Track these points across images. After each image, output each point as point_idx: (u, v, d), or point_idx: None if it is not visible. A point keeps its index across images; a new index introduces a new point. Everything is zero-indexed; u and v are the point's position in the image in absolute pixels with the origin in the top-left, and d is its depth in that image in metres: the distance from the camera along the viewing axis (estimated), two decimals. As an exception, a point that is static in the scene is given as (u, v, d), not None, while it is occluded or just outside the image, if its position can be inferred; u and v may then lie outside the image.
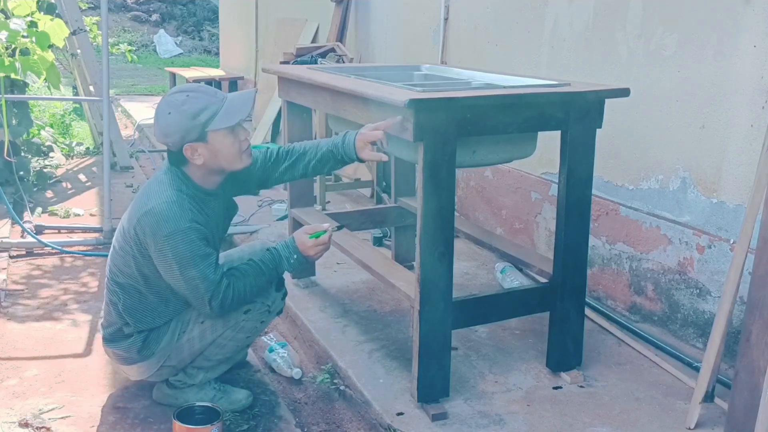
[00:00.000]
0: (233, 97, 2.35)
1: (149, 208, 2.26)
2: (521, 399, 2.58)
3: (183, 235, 2.23)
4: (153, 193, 2.31)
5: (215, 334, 2.43)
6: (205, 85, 2.42)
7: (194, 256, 2.25)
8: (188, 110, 2.26)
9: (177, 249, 2.24)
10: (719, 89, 2.79)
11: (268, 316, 2.52)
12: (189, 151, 2.30)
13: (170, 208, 2.25)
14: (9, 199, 4.47)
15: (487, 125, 2.41)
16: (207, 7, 16.92)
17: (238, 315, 2.41)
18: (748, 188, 2.63)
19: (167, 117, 2.30)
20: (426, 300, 2.39)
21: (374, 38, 5.59)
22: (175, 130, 2.29)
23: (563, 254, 2.62)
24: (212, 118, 2.27)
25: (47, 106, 7.37)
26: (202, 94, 2.31)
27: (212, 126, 2.28)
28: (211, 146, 2.30)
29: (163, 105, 2.32)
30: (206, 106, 2.27)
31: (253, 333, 2.53)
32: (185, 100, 2.28)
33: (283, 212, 4.57)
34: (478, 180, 4.32)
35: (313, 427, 2.56)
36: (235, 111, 2.30)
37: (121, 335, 2.44)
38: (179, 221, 2.24)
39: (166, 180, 2.35)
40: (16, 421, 2.43)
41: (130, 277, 2.38)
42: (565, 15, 3.55)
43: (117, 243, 2.42)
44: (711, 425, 2.41)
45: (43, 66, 4.09)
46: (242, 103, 2.34)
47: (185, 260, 2.25)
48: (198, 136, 2.28)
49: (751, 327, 2.14)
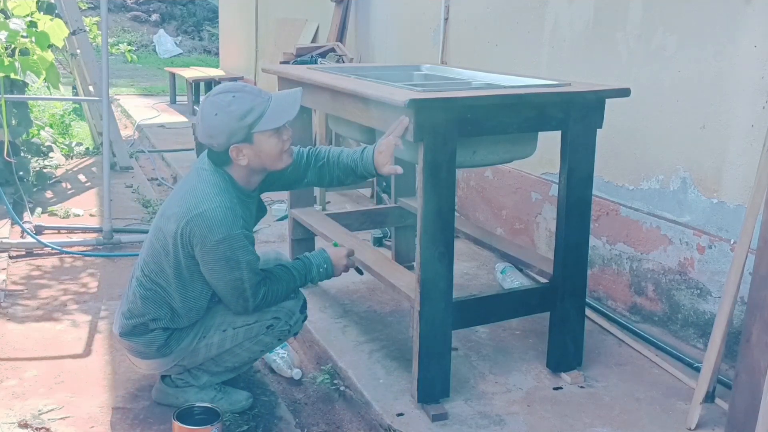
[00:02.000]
0: (279, 97, 2.32)
1: (201, 212, 2.23)
2: (521, 399, 2.57)
3: (235, 240, 2.24)
4: (204, 195, 2.26)
5: (234, 343, 2.43)
6: (249, 85, 2.37)
7: (243, 260, 2.26)
8: (235, 111, 2.23)
9: (227, 253, 2.24)
10: (719, 89, 2.78)
11: (287, 335, 2.53)
12: (234, 152, 2.27)
13: (225, 215, 2.23)
14: (9, 199, 4.47)
15: (488, 125, 2.40)
16: (207, 7, 16.92)
17: (261, 329, 2.42)
18: (748, 188, 2.63)
19: (213, 118, 2.25)
20: (426, 300, 2.39)
21: (374, 38, 5.59)
22: (221, 131, 2.25)
23: (563, 254, 2.61)
24: (258, 120, 2.24)
25: (47, 106, 7.36)
26: (248, 95, 2.27)
27: (259, 128, 2.25)
28: (257, 147, 2.27)
29: (208, 106, 2.28)
30: (252, 107, 2.24)
31: (268, 348, 2.54)
32: (231, 101, 2.24)
33: (283, 212, 4.57)
34: (478, 180, 4.32)
35: (313, 428, 2.55)
36: (281, 112, 2.28)
37: (144, 329, 2.40)
38: (232, 227, 2.23)
39: (215, 182, 2.30)
40: (16, 421, 2.43)
41: (166, 275, 2.35)
42: (565, 15, 3.54)
43: (157, 240, 2.37)
44: (711, 426, 2.41)
45: (43, 66, 4.09)
46: (289, 102, 2.31)
47: (233, 264, 2.26)
48: (244, 138, 2.25)
49: (752, 327, 2.14)
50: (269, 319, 2.43)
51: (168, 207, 2.38)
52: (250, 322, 2.41)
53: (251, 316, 2.41)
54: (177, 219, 2.28)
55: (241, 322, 2.41)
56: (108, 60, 4.10)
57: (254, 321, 2.42)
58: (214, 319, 2.43)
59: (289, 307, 2.47)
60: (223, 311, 2.43)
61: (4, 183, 4.66)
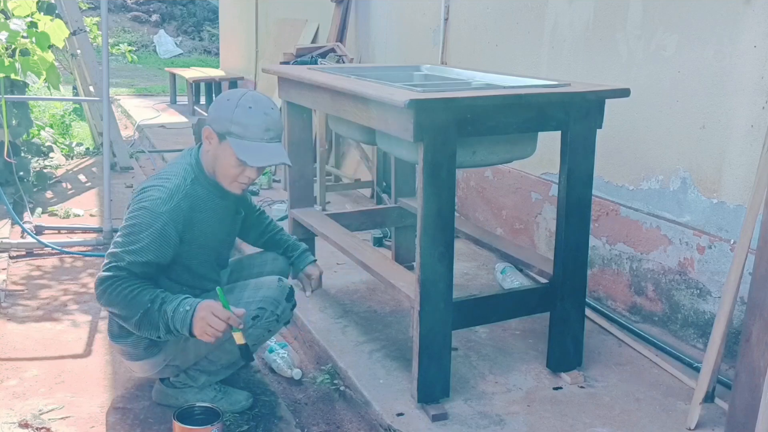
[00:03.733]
0: (269, 146, 2.30)
1: (146, 185, 2.32)
2: (521, 399, 2.57)
3: (147, 217, 2.25)
4: (162, 174, 2.36)
5: (222, 339, 2.43)
6: (276, 112, 2.35)
7: (132, 238, 2.24)
8: (237, 112, 2.27)
9: (128, 221, 2.28)
10: (719, 89, 2.79)
11: (276, 325, 2.50)
12: (206, 134, 2.34)
13: (163, 194, 2.27)
14: (9, 199, 4.47)
15: (488, 125, 2.41)
16: (207, 7, 16.92)
17: (246, 322, 2.41)
18: (748, 188, 2.63)
19: (224, 101, 2.33)
20: (426, 300, 2.39)
21: (374, 38, 5.59)
22: (216, 109, 2.33)
23: (563, 255, 2.61)
24: (237, 137, 2.27)
25: (47, 107, 7.37)
26: (260, 117, 2.28)
27: (230, 140, 2.28)
28: (220, 150, 2.32)
29: (233, 92, 2.36)
30: (248, 125, 2.26)
31: (259, 341, 2.51)
32: (248, 106, 2.28)
33: (283, 212, 4.57)
34: (478, 180, 4.32)
35: (313, 428, 2.55)
36: (257, 154, 2.28)
37: (129, 331, 2.42)
38: (158, 206, 2.26)
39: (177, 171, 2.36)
40: (16, 421, 2.43)
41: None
42: (565, 15, 3.55)
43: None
44: (711, 426, 2.41)
45: (43, 66, 4.08)
46: (267, 157, 2.30)
47: (123, 234, 2.27)
48: (219, 131, 2.31)
49: (752, 327, 2.14)
50: (254, 310, 2.39)
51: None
52: None
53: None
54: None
55: None
56: (108, 60, 4.10)
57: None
58: None
59: (273, 296, 2.43)
60: None
61: (4, 183, 4.67)
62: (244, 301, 2.41)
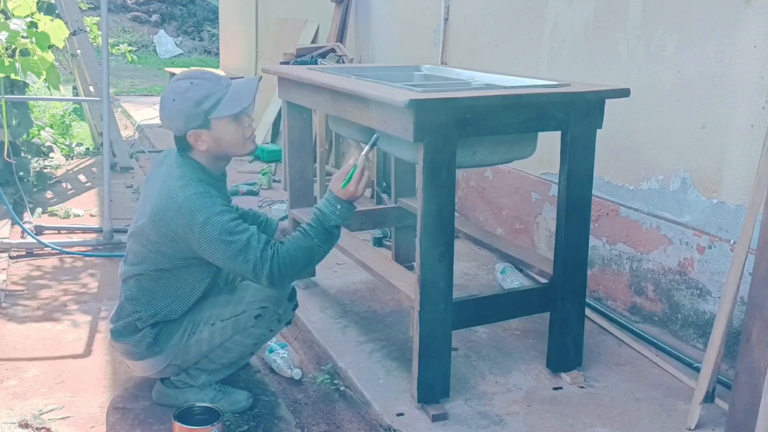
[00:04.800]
0: (237, 84, 2.35)
1: (178, 205, 2.24)
2: (521, 400, 2.57)
3: (218, 218, 2.22)
4: (176, 188, 2.28)
5: (224, 338, 2.43)
6: (209, 71, 2.41)
7: (234, 233, 2.23)
8: (192, 97, 2.27)
9: (214, 234, 2.22)
10: (719, 89, 2.78)
11: (278, 325, 2.52)
12: (192, 138, 2.31)
13: (201, 200, 2.24)
14: (9, 199, 4.47)
15: (488, 125, 2.41)
16: (207, 7, 16.92)
17: (249, 320, 2.42)
18: (748, 188, 2.63)
19: (171, 104, 2.30)
20: (426, 300, 2.39)
21: (374, 38, 5.59)
22: (178, 116, 2.29)
23: (563, 255, 2.61)
24: (215, 106, 2.28)
25: (47, 107, 7.36)
26: (206, 81, 2.31)
27: (215, 114, 2.28)
28: (215, 133, 2.31)
29: (167, 91, 2.33)
30: (209, 93, 2.28)
31: (260, 340, 2.53)
32: (189, 87, 2.28)
33: (283, 212, 4.57)
34: (478, 180, 4.32)
35: (313, 428, 2.55)
36: (238, 98, 2.31)
37: (133, 329, 2.43)
38: (211, 208, 2.23)
39: (182, 173, 2.32)
40: (16, 421, 2.43)
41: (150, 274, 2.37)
42: (565, 15, 3.54)
43: (136, 242, 2.39)
44: (711, 426, 2.41)
45: (43, 66, 4.08)
46: (246, 90, 2.34)
47: (226, 240, 2.22)
48: (201, 123, 2.29)
49: (752, 327, 2.14)
50: (257, 309, 2.41)
51: (143, 207, 2.39)
52: (238, 313, 2.41)
53: (239, 305, 2.41)
54: (155, 218, 2.29)
55: (228, 313, 2.42)
56: (108, 60, 4.10)
57: (242, 312, 2.41)
58: (203, 314, 2.43)
59: (276, 295, 2.44)
60: (211, 306, 2.44)
61: (4, 183, 4.67)
62: (246, 300, 2.42)
